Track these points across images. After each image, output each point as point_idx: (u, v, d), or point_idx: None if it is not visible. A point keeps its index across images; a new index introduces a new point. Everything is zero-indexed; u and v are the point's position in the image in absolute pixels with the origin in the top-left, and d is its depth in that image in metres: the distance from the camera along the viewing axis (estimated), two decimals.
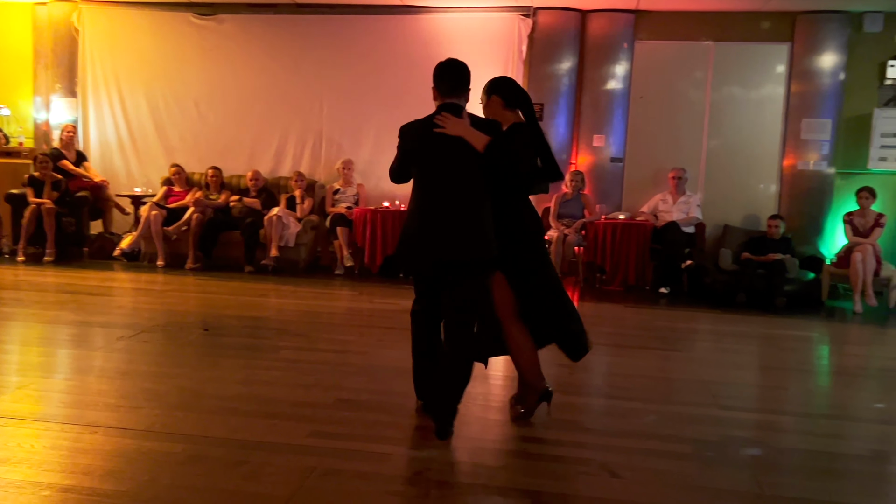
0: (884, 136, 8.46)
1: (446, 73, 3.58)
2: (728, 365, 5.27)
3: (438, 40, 9.03)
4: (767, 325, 6.72)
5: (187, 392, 4.08)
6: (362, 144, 9.28)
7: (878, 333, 6.75)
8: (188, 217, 8.51)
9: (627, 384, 4.65)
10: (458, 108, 3.55)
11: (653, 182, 8.85)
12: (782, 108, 8.73)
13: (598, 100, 8.84)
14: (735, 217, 8.76)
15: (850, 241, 7.74)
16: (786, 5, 8.31)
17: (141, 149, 9.72)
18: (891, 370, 5.49)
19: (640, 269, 8.19)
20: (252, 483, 2.96)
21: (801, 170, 8.58)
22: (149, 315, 6.11)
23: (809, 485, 3.21)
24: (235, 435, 3.45)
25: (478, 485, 3.05)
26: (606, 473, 3.18)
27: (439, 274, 3.54)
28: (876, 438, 3.88)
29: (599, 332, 6.30)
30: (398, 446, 3.39)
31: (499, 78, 3.83)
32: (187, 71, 9.56)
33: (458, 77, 3.57)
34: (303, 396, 4.05)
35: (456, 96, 3.57)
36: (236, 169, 9.27)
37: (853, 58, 8.46)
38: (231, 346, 5.19)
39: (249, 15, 9.42)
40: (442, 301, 3.57)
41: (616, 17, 8.74)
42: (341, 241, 8.46)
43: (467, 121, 3.52)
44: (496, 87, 3.74)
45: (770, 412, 4.32)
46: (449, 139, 3.49)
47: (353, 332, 5.78)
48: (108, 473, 2.99)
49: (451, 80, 3.57)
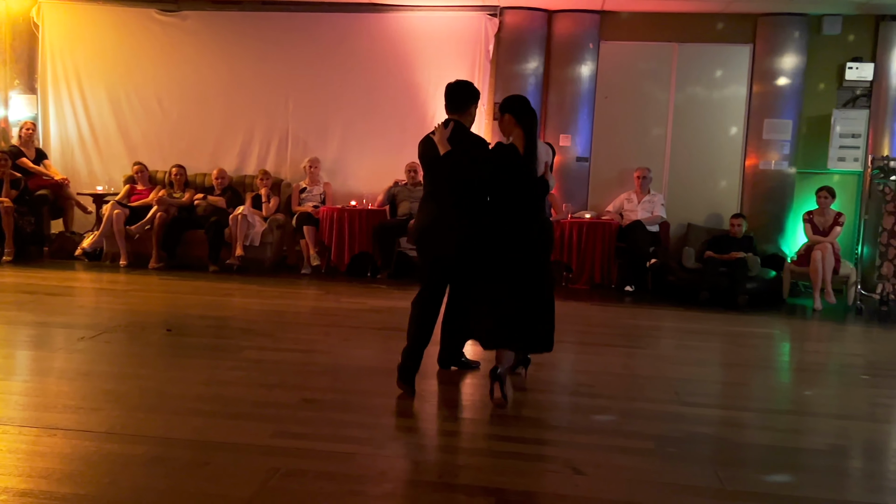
0: (842, 136, 8.64)
1: (448, 93, 4.23)
2: (691, 362, 5.35)
3: (405, 39, 9.03)
4: (730, 323, 6.82)
5: (149, 393, 4.03)
6: (329, 142, 9.23)
7: (837, 330, 6.89)
8: (151, 216, 8.39)
9: (592, 381, 4.69)
10: (449, 122, 4.17)
11: (618, 181, 8.93)
12: (744, 108, 8.86)
13: (564, 99, 8.89)
14: (698, 216, 8.88)
15: (810, 240, 7.88)
16: (747, 7, 8.43)
17: (103, 146, 9.56)
18: (849, 366, 5.60)
19: (605, 267, 8.26)
20: (214, 484, 2.93)
21: (762, 169, 8.71)
22: (110, 315, 6.01)
23: (769, 479, 3.27)
24: (198, 436, 3.41)
25: (442, 483, 3.05)
26: (570, 470, 3.20)
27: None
28: (833, 433, 3.95)
29: (566, 331, 6.32)
30: (363, 446, 3.38)
31: (511, 97, 4.32)
32: (150, 68, 9.42)
33: (453, 96, 4.22)
34: (267, 396, 4.02)
35: (455, 113, 4.21)
36: (200, 167, 9.17)
37: (813, 60, 8.61)
38: (194, 347, 5.14)
39: (213, 11, 9.31)
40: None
41: (582, 18, 8.80)
42: (308, 240, 8.41)
43: (447, 133, 4.10)
44: (506, 105, 4.23)
45: (731, 408, 4.39)
46: (436, 149, 4.14)
47: (318, 332, 5.74)
48: (66, 477, 2.94)
49: (449, 99, 4.23)
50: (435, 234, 4.16)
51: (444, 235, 4.12)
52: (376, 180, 8.90)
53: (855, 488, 3.28)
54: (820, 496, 3.10)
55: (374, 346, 5.44)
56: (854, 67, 8.51)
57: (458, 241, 4.11)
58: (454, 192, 4.12)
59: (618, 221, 8.43)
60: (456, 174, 4.08)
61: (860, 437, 3.92)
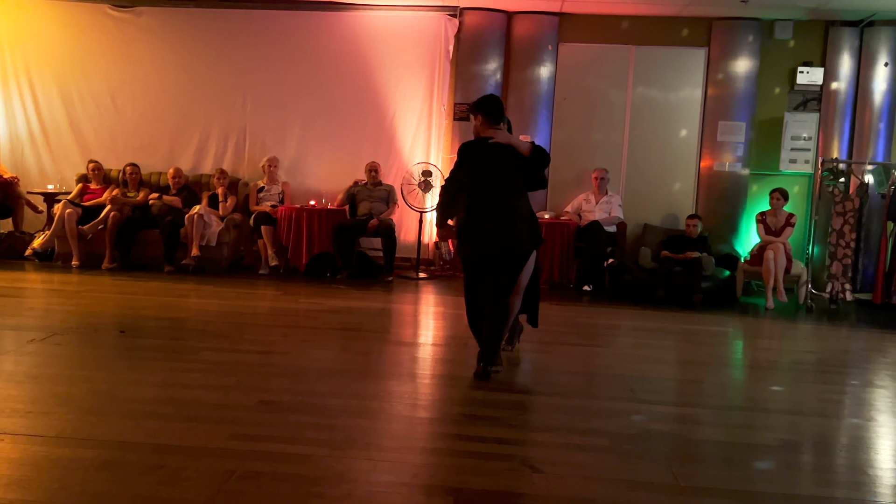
0: (794, 139, 8.84)
1: (493, 106, 4.72)
2: (647, 360, 5.42)
3: (365, 38, 9.00)
4: (685, 321, 6.93)
5: (102, 396, 3.94)
6: (287, 141, 9.15)
7: (788, 328, 7.04)
8: (105, 215, 8.23)
9: (550, 380, 4.73)
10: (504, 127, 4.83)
11: (576, 182, 9.01)
12: (699, 110, 9.02)
13: (523, 100, 8.94)
14: (655, 216, 9.01)
15: (763, 240, 8.05)
16: (702, 11, 8.58)
17: (54, 144, 9.35)
18: (800, 363, 5.73)
19: (564, 267, 8.33)
20: (168, 488, 2.88)
21: (717, 171, 8.87)
22: (62, 317, 5.88)
23: (723, 475, 3.33)
24: (152, 439, 3.35)
25: (401, 483, 3.05)
26: (527, 468, 3.22)
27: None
28: (785, 428, 4.04)
29: (525, 330, 6.39)
30: (320, 447, 3.35)
31: (482, 98, 4.80)
32: (104, 64, 9.23)
33: (497, 109, 4.71)
34: (223, 399, 3.97)
35: (497, 123, 4.69)
36: (156, 166, 9.02)
37: (765, 63, 8.80)
38: (149, 349, 5.05)
39: (169, 8, 9.17)
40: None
41: (540, 20, 8.86)
42: (266, 240, 8.33)
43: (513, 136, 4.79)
44: (477, 106, 4.71)
45: (686, 405, 4.46)
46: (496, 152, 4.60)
47: (276, 333, 5.69)
48: (14, 482, 2.87)
49: (494, 111, 4.69)
50: (516, 228, 4.51)
51: (526, 228, 4.55)
52: (335, 180, 8.85)
53: (806, 482, 3.36)
54: (772, 491, 3.17)
55: (333, 346, 5.41)
56: (805, 72, 8.72)
57: (535, 231, 4.64)
58: (525, 188, 4.60)
59: (576, 222, 8.51)
60: (541, 169, 4.59)
61: (811, 432, 4.01)
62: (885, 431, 4.11)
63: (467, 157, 4.63)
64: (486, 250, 4.51)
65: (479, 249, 4.54)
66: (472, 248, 4.58)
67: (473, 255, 4.59)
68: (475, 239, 4.55)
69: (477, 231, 4.53)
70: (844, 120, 8.76)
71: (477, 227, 4.53)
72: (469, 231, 4.57)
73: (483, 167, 4.57)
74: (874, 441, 3.96)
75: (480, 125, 4.66)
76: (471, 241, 4.57)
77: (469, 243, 4.59)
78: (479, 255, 4.55)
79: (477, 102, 4.75)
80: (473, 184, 4.57)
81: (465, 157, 4.64)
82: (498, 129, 4.66)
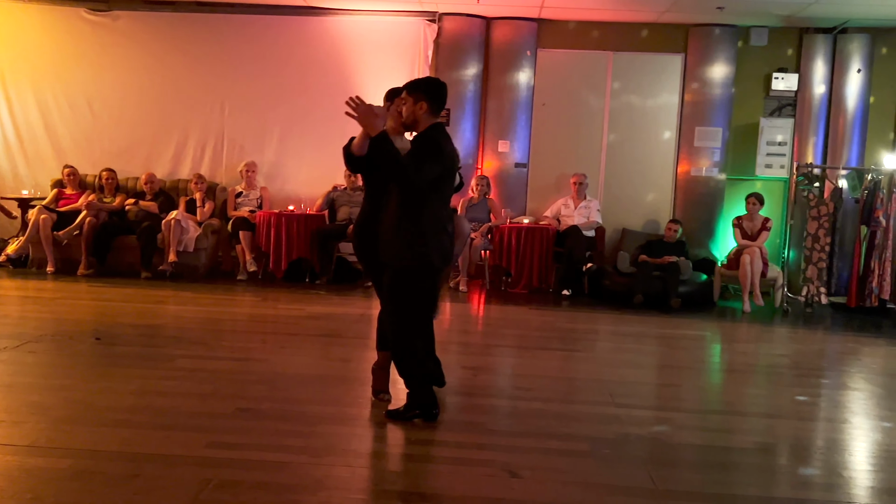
0: (769, 144, 8.94)
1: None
2: (625, 364, 5.44)
3: (344, 43, 8.98)
4: (663, 325, 6.97)
5: (76, 404, 3.90)
6: (266, 146, 9.11)
7: (764, 331, 7.10)
8: (80, 221, 8.13)
9: (530, 384, 4.73)
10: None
11: (555, 187, 9.05)
12: (676, 116, 9.10)
13: (502, 106, 8.97)
14: (633, 221, 9.07)
15: (739, 244, 8.12)
16: (679, 18, 8.66)
17: (29, 149, 9.23)
18: (777, 366, 5.79)
19: (543, 271, 8.35)
20: (143, 497, 2.85)
21: (694, 176, 8.95)
22: (36, 324, 5.80)
23: (700, 478, 3.35)
24: (127, 448, 3.32)
25: (379, 490, 3.04)
26: (507, 474, 3.22)
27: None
28: (762, 432, 4.07)
29: (504, 335, 6.42)
30: (298, 455, 3.33)
31: (430, 79, 4.08)
32: (79, 68, 9.14)
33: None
34: (200, 406, 3.94)
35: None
36: (132, 171, 8.92)
37: (741, 69, 8.89)
38: (125, 356, 4.99)
39: (146, 12, 9.10)
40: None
41: (519, 25, 8.90)
42: (244, 246, 8.27)
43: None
44: (421, 88, 3.85)
45: (664, 409, 4.48)
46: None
47: (255, 340, 5.65)
48: None
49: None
50: (389, 237, 3.83)
51: (396, 241, 3.84)
52: (314, 185, 8.81)
53: (782, 485, 3.39)
54: (749, 493, 3.19)
55: (312, 353, 5.39)
56: (780, 78, 8.82)
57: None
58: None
59: (555, 226, 8.54)
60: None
61: (787, 435, 4.05)
62: (859, 433, 4.16)
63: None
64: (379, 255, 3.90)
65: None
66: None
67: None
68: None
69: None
70: (819, 125, 8.87)
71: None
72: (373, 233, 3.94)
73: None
74: (848, 443, 4.00)
75: (423, 113, 3.76)
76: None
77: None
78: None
79: (422, 84, 3.88)
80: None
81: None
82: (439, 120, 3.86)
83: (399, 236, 3.71)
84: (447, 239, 3.82)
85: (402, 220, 3.71)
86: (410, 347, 3.80)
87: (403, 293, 3.76)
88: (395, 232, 3.73)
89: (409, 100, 3.78)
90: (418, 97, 3.75)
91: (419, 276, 3.74)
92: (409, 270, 3.73)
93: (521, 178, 9.13)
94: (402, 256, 3.72)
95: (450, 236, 3.86)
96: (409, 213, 3.70)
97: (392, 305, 3.81)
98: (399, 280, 3.75)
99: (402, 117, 3.85)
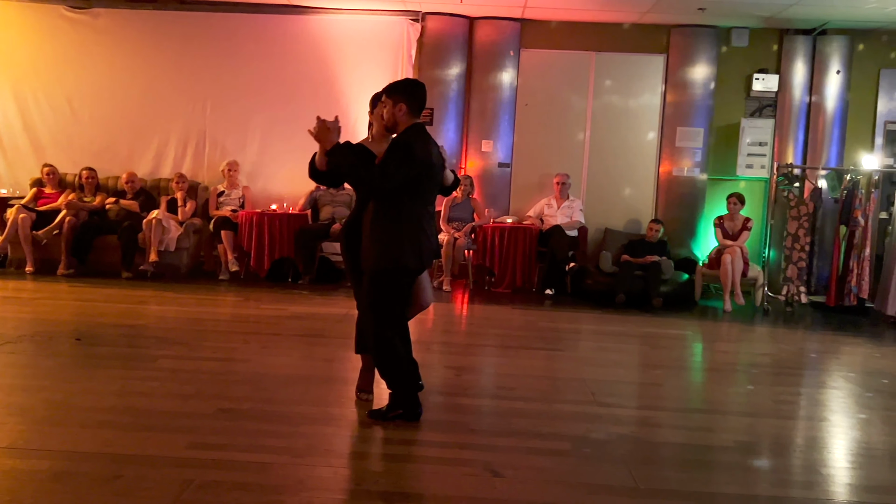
0: (750, 144, 9.01)
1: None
2: (607, 363, 5.47)
3: (327, 42, 8.96)
4: (645, 325, 7.01)
5: (56, 405, 3.86)
6: (248, 145, 9.07)
7: (745, 331, 7.16)
8: (60, 220, 8.06)
9: (512, 384, 4.74)
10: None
11: (538, 187, 9.08)
12: (658, 116, 9.15)
13: (485, 106, 8.99)
14: (615, 221, 9.11)
15: (720, 244, 8.18)
16: (661, 18, 8.71)
17: (8, 148, 9.13)
18: (757, 365, 5.84)
19: (526, 271, 8.37)
20: (124, 498, 2.83)
21: (675, 175, 9.01)
22: (15, 325, 5.74)
23: (681, 477, 3.38)
24: (108, 449, 3.29)
25: (361, 490, 3.04)
26: (489, 473, 3.23)
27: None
28: (742, 430, 4.11)
29: (487, 334, 6.43)
30: (280, 455, 3.32)
31: (409, 81, 4.03)
32: (59, 66, 9.05)
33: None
34: (182, 407, 3.92)
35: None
36: (113, 170, 8.85)
37: (722, 70, 8.96)
38: (106, 357, 4.95)
39: (127, 10, 9.03)
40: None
41: (502, 25, 8.91)
42: (226, 245, 8.23)
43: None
44: (402, 90, 3.84)
45: (646, 408, 4.51)
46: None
47: (237, 340, 5.62)
48: None
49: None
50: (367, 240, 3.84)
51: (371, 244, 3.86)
52: (297, 184, 8.74)
53: (763, 483, 3.42)
54: (729, 492, 3.22)
55: (295, 353, 5.37)
56: (760, 78, 8.89)
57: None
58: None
59: (538, 226, 8.57)
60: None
61: (767, 433, 4.09)
62: (837, 431, 4.21)
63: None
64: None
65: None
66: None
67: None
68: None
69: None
70: (799, 126, 8.95)
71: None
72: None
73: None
74: (828, 441, 4.05)
75: (403, 115, 3.76)
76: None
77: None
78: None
79: (400, 85, 3.84)
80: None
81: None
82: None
83: (374, 239, 3.73)
84: (426, 240, 3.81)
85: (376, 223, 3.73)
86: (391, 348, 3.80)
87: (380, 296, 3.76)
88: (370, 235, 3.75)
89: (388, 102, 3.79)
90: (397, 99, 3.76)
91: (395, 278, 3.74)
92: (384, 273, 3.73)
93: (505, 178, 9.15)
94: (377, 259, 3.72)
95: (429, 237, 3.85)
96: (384, 216, 3.72)
97: (370, 308, 3.80)
98: (375, 283, 3.75)
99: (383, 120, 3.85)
